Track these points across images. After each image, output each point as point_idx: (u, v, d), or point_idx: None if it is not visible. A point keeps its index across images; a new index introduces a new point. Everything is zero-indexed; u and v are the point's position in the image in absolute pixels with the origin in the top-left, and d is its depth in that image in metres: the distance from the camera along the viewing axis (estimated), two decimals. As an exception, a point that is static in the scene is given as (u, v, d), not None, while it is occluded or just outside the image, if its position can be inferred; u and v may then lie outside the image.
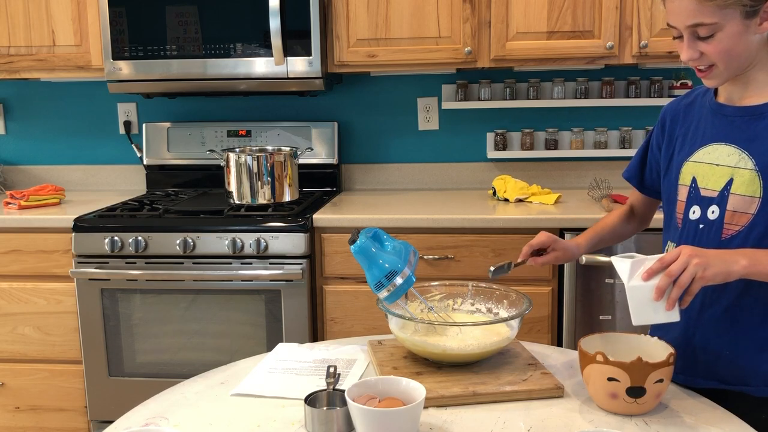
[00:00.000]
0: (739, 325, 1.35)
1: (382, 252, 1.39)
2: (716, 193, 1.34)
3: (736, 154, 1.33)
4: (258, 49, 2.61)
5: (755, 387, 1.35)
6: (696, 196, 1.38)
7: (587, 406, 1.25)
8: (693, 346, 1.40)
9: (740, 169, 1.32)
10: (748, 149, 1.31)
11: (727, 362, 1.37)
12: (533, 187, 2.74)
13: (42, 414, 2.68)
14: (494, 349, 1.38)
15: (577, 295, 2.39)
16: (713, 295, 1.36)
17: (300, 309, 2.45)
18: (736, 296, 1.34)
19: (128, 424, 1.23)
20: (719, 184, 1.34)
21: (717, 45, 1.27)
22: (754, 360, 1.35)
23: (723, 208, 1.33)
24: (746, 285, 1.31)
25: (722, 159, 1.35)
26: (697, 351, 1.40)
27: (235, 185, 2.62)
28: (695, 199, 1.38)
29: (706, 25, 1.25)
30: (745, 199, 1.30)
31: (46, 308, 2.59)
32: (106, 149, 3.21)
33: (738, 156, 1.32)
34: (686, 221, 1.40)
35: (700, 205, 1.37)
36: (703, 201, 1.37)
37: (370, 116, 3.07)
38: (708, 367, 1.39)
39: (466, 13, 2.58)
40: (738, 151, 1.33)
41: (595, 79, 2.93)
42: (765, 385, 1.34)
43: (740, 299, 1.34)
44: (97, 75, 2.77)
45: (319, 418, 1.17)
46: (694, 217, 1.38)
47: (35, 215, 2.57)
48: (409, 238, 2.39)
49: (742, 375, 1.36)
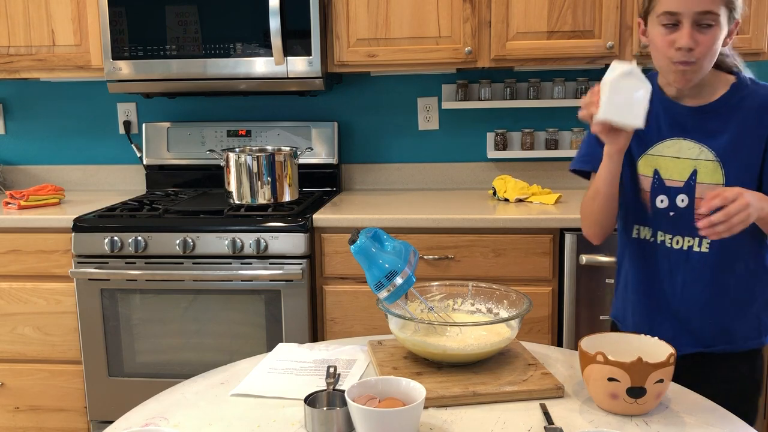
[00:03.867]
0: (721, 291, 1.51)
1: (382, 252, 1.39)
2: (682, 183, 1.49)
3: (696, 147, 1.48)
4: (258, 48, 2.61)
5: (737, 344, 1.53)
6: (660, 187, 1.52)
7: (587, 406, 1.25)
8: (679, 318, 1.54)
9: (702, 161, 1.48)
10: (708, 143, 1.47)
11: (712, 327, 1.53)
12: (533, 187, 2.74)
13: (42, 414, 2.68)
14: (494, 350, 1.38)
15: (577, 295, 2.39)
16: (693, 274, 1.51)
17: (300, 309, 2.44)
18: (718, 268, 1.49)
19: (128, 424, 1.23)
20: (684, 175, 1.49)
21: (710, 38, 1.39)
22: (735, 319, 1.53)
23: (692, 197, 1.48)
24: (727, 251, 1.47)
25: (684, 152, 1.49)
26: (683, 322, 1.54)
27: (235, 185, 2.62)
28: (660, 189, 1.52)
29: (712, 15, 1.37)
30: (710, 187, 1.46)
31: (45, 308, 2.59)
32: (105, 149, 3.21)
33: (698, 149, 1.48)
34: (654, 209, 1.53)
35: (667, 194, 1.51)
36: (670, 191, 1.51)
37: (370, 116, 3.07)
38: (694, 335, 1.54)
39: (466, 12, 2.58)
40: (698, 145, 1.48)
41: (595, 79, 2.92)
42: (745, 340, 1.53)
43: (722, 269, 1.49)
44: (96, 75, 2.77)
45: (319, 419, 1.17)
46: (662, 206, 1.52)
47: (35, 215, 2.57)
48: (409, 238, 2.39)
49: (725, 335, 1.53)
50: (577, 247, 2.35)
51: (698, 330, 1.54)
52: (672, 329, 1.54)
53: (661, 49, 1.42)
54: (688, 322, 1.54)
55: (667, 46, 1.41)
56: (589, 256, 2.34)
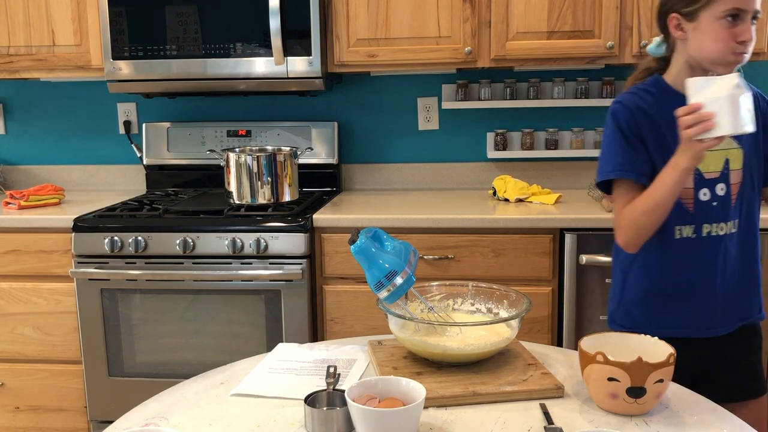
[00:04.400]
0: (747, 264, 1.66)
1: (382, 252, 1.39)
2: (718, 174, 1.61)
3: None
4: (258, 48, 2.61)
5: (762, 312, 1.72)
6: (701, 180, 1.60)
7: (587, 406, 1.25)
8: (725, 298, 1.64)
9: (730, 150, 1.61)
10: None
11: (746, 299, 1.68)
12: (533, 187, 2.74)
13: (42, 414, 2.68)
14: (494, 349, 1.38)
15: (577, 295, 2.39)
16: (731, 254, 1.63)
17: (300, 309, 2.45)
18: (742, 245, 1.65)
19: (128, 424, 1.23)
20: (718, 166, 1.61)
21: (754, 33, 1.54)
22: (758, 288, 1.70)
23: (728, 184, 1.61)
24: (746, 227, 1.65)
25: None
26: (727, 301, 1.65)
27: (235, 185, 2.62)
28: (701, 183, 1.60)
29: (758, 13, 1.54)
30: (738, 171, 1.62)
31: (45, 308, 2.59)
32: (105, 149, 3.21)
33: (728, 140, 1.58)
34: (698, 203, 1.61)
35: (708, 186, 1.60)
36: (709, 183, 1.61)
37: (370, 116, 3.07)
38: (736, 312, 1.66)
39: (466, 12, 2.58)
40: None
41: (595, 79, 2.93)
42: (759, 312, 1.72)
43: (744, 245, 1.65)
44: (97, 75, 2.77)
45: (319, 418, 1.17)
46: (705, 198, 1.61)
47: (35, 215, 2.57)
48: (409, 238, 2.39)
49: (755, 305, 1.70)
50: (577, 247, 2.35)
51: (738, 305, 1.67)
52: (719, 312, 1.64)
53: (723, 41, 1.52)
54: (731, 301, 1.65)
55: (729, 39, 1.51)
56: (589, 256, 2.34)
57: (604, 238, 2.34)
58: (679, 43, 1.60)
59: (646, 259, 1.65)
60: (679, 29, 1.56)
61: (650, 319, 1.66)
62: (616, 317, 1.73)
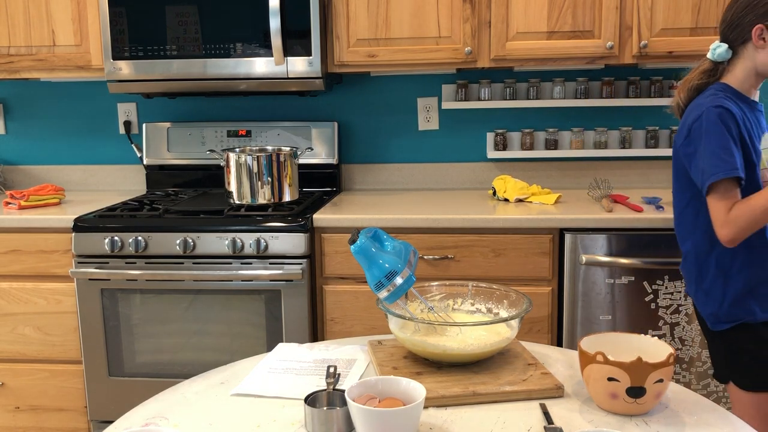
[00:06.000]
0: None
1: (382, 252, 1.39)
2: None
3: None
4: (258, 49, 2.61)
5: None
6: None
7: (587, 406, 1.25)
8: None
9: None
10: None
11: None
12: (533, 187, 2.74)
13: (42, 414, 2.68)
14: (494, 349, 1.38)
15: (577, 295, 2.40)
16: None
17: (300, 309, 2.45)
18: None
19: (128, 424, 1.23)
20: None
21: None
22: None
23: None
24: None
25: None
26: None
27: (235, 185, 2.62)
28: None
29: None
30: None
31: (46, 308, 2.59)
32: (106, 149, 3.21)
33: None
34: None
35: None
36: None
37: (370, 116, 3.07)
38: None
39: (466, 13, 2.58)
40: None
41: (595, 79, 2.93)
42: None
43: None
44: (97, 75, 2.77)
45: (319, 418, 1.17)
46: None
47: (35, 215, 2.57)
48: (409, 238, 2.40)
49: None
50: (577, 247, 2.36)
51: None
52: None
53: None
54: None
55: None
56: (589, 256, 2.34)
57: (604, 239, 2.34)
58: (748, 51, 1.77)
59: (750, 253, 1.78)
60: (761, 39, 1.74)
61: (763, 306, 1.79)
62: (721, 316, 1.83)
